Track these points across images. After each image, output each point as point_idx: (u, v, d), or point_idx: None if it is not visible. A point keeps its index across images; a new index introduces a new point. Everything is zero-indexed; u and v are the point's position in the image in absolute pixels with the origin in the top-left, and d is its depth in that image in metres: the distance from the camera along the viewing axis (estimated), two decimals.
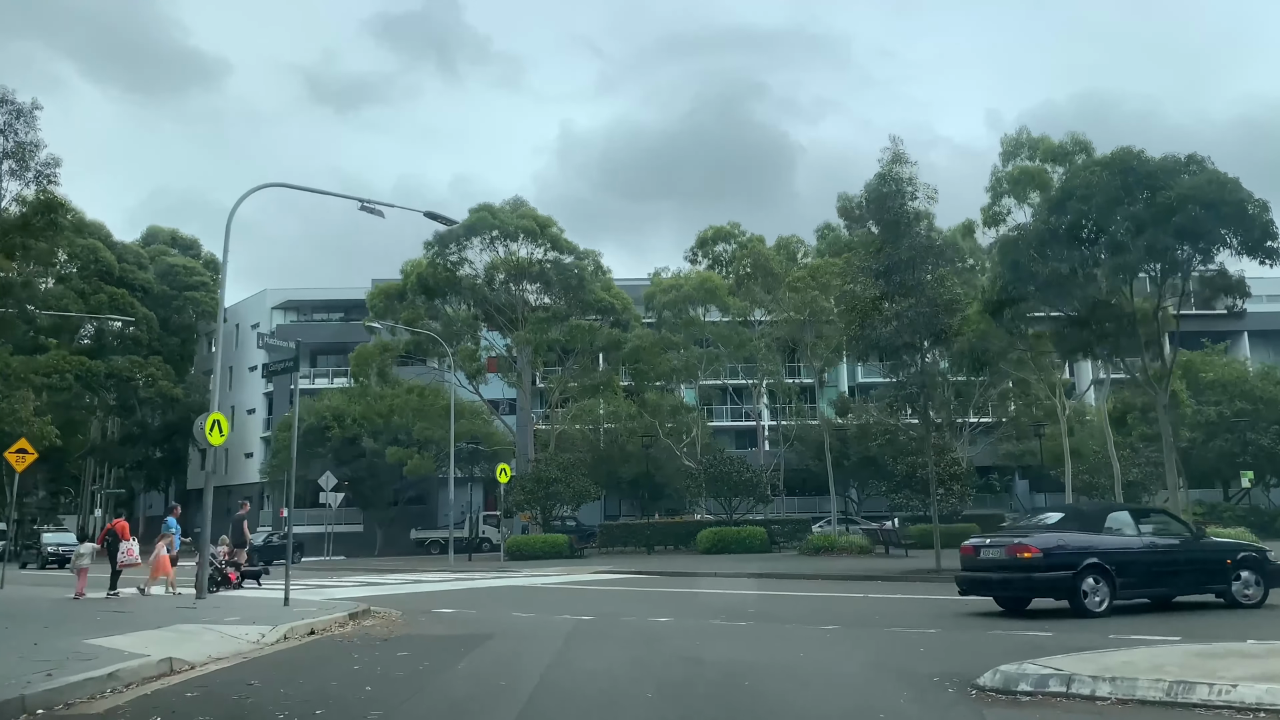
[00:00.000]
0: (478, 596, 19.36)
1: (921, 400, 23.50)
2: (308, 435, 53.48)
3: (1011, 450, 55.97)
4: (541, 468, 38.38)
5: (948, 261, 24.02)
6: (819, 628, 12.14)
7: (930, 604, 15.92)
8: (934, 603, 16.11)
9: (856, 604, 16.24)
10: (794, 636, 11.30)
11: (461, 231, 43.01)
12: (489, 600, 18.43)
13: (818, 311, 33.89)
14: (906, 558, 30.19)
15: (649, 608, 15.93)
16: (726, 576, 25.07)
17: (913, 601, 16.40)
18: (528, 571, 28.99)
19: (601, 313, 44.39)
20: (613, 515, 60.05)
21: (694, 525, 40.96)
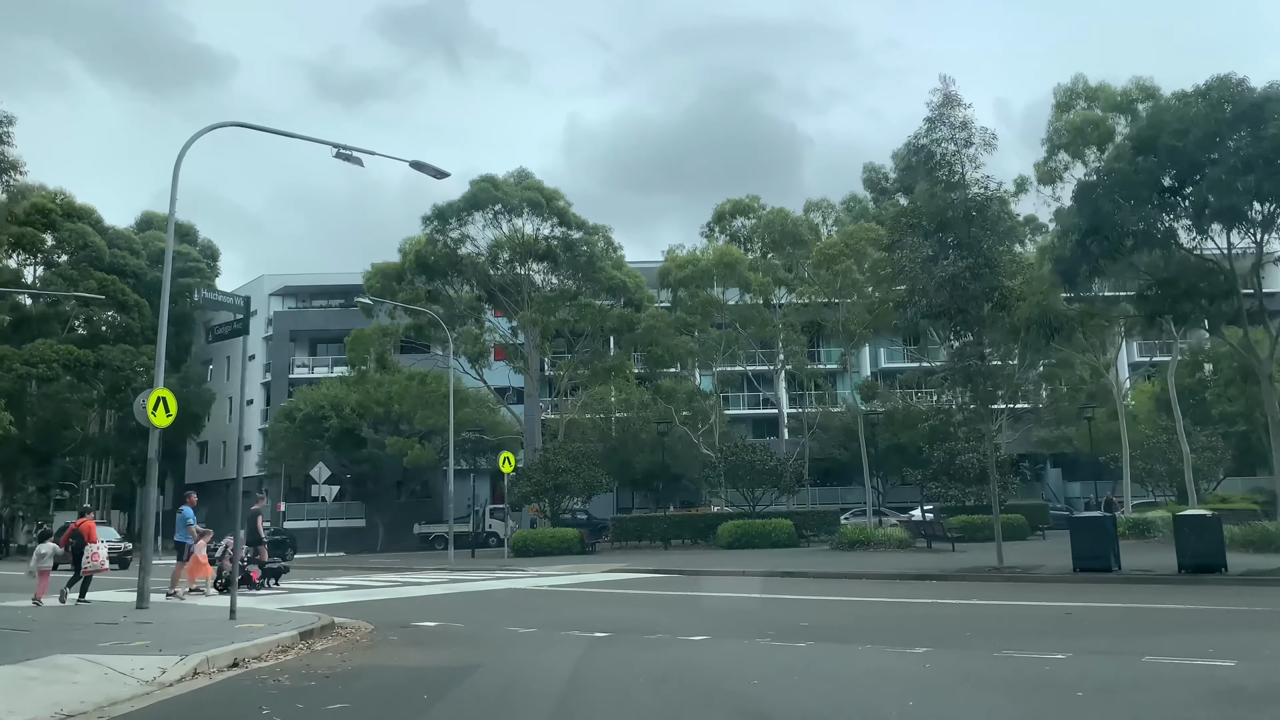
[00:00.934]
0: (472, 603, 16.55)
1: (980, 378, 20.52)
2: (304, 426, 50.92)
3: (1045, 437, 52.87)
4: (550, 457, 35.57)
5: (1009, 217, 20.97)
6: (906, 651, 9.27)
7: (1020, 612, 13.02)
8: (1023, 610, 13.21)
9: (930, 613, 13.35)
10: (883, 668, 8.43)
11: (462, 206, 40.21)
12: (485, 608, 15.62)
13: (849, 284, 30.91)
14: (954, 552, 27.26)
15: (676, 620, 13.09)
16: (757, 576, 22.19)
17: (996, 609, 13.50)
18: (534, 570, 26.19)
19: (612, 292, 41.47)
20: (625, 508, 57.25)
21: (713, 518, 38.10)
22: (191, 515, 19.26)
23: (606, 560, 29.79)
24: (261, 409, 62.14)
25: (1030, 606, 13.67)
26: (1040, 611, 13.15)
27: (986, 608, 13.72)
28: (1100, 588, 16.91)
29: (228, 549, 18.85)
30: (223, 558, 19.10)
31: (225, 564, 18.93)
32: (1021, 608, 13.59)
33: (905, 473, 38.84)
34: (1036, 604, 13.97)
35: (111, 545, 32.05)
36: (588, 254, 40.78)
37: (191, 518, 19.15)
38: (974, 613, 13.23)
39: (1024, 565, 21.17)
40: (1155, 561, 20.54)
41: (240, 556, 18.74)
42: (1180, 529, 18.14)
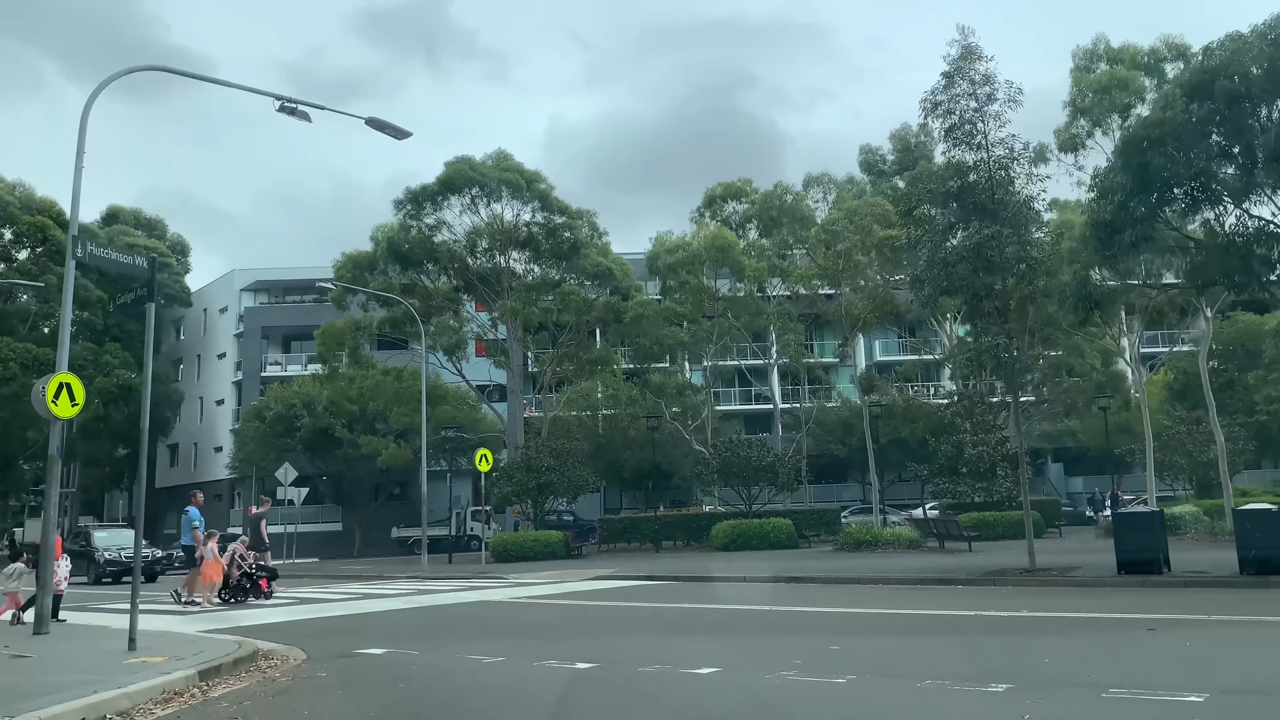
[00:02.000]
0: (437, 620, 14.25)
1: (1010, 360, 18.35)
2: (275, 426, 48.43)
3: (1048, 431, 50.85)
4: (532, 455, 33.25)
5: (1039, 178, 18.83)
6: (985, 690, 7.06)
7: (1088, 627, 10.82)
8: (1090, 625, 11.01)
9: (982, 629, 11.13)
10: None
11: (437, 189, 37.79)
12: (450, 627, 13.33)
13: (851, 267, 28.70)
14: (971, 553, 25.10)
15: (675, 643, 10.84)
16: (760, 582, 19.99)
17: (1058, 624, 11.30)
18: (514, 577, 23.89)
19: (598, 280, 39.13)
20: (614, 508, 54.98)
21: (707, 518, 35.90)
22: (198, 516, 18.17)
23: (593, 565, 27.54)
24: (233, 409, 59.51)
25: (1096, 621, 11.47)
26: (1112, 627, 10.96)
27: (1045, 622, 11.51)
28: (1162, 594, 14.76)
29: (234, 556, 17.99)
30: (230, 565, 17.96)
31: (233, 572, 17.92)
32: (1086, 622, 11.38)
33: (910, 468, 36.70)
34: (1101, 616, 11.78)
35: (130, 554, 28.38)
36: (571, 240, 38.43)
37: (198, 519, 18.06)
38: (1033, 628, 11.03)
39: (1058, 566, 19.04)
40: (1205, 560, 18.46)
41: (250, 563, 18.08)
42: (1242, 525, 16.05)
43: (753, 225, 40.82)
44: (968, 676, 7.69)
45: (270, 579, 18.95)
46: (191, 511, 18.39)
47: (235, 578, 18.01)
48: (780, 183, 29.32)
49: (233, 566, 17.96)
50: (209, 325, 63.55)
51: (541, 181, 37.97)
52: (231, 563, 17.99)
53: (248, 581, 18.11)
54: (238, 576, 18.02)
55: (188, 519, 18.27)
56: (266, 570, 19.00)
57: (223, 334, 61.79)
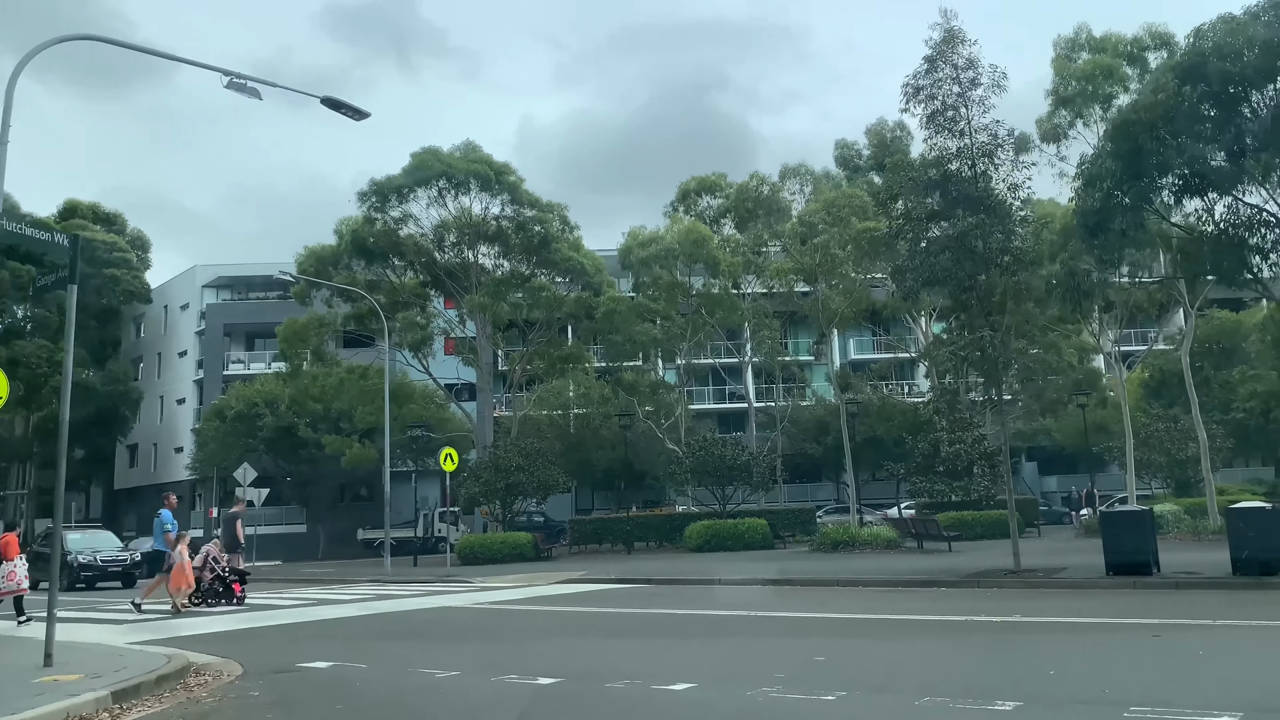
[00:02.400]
0: (392, 629, 13.34)
1: (994, 354, 17.69)
2: (236, 425, 47.11)
3: (1022, 429, 50.53)
4: (500, 455, 32.30)
5: (1024, 165, 18.20)
6: (986, 709, 6.32)
7: (1088, 633, 10.12)
8: (1090, 631, 10.32)
9: (976, 637, 10.39)
10: None
11: (403, 180, 36.73)
12: (405, 636, 12.43)
13: (828, 261, 28.00)
14: (951, 553, 24.48)
15: (647, 655, 10.02)
16: (736, 585, 19.23)
17: (1055, 630, 10.59)
18: (480, 580, 22.98)
19: (569, 275, 38.23)
20: (585, 509, 54.10)
21: (680, 519, 35.12)
22: (170, 519, 17.48)
23: (563, 567, 26.66)
24: (194, 408, 58.01)
25: (1094, 626, 10.79)
26: (1113, 632, 10.27)
27: (1041, 628, 10.80)
28: (1156, 596, 14.14)
29: (207, 559, 17.33)
30: (203, 569, 17.24)
31: (205, 575, 17.24)
32: (1085, 627, 10.69)
33: (886, 466, 36.20)
34: (1098, 621, 11.10)
35: (109, 558, 26.66)
36: (541, 234, 37.49)
37: (170, 522, 17.38)
38: (1030, 634, 10.31)
39: (1043, 567, 18.41)
40: (1194, 560, 17.89)
41: (223, 565, 17.46)
42: (1235, 524, 15.45)
43: (728, 220, 40.10)
44: (970, 692, 6.93)
45: (243, 582, 18.24)
46: (164, 514, 17.64)
47: (208, 581, 17.35)
48: (756, 173, 28.63)
49: (205, 569, 17.29)
50: (170, 322, 61.98)
51: (511, 174, 37.02)
52: (204, 565, 17.31)
53: (220, 585, 17.46)
54: (210, 580, 17.36)
55: (159, 521, 17.52)
56: (240, 573, 18.27)
57: (184, 331, 60.28)
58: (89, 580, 26.25)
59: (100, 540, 28.33)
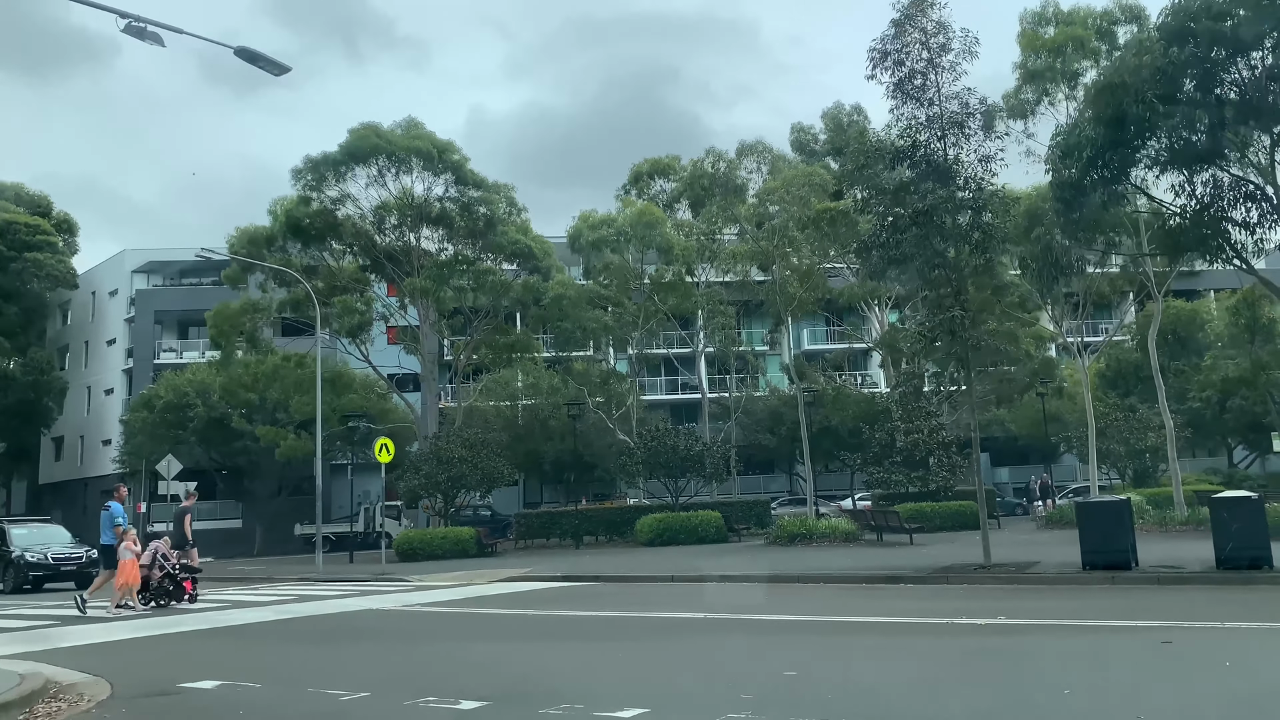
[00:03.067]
0: (305, 636, 11.86)
1: (965, 335, 16.64)
2: (166, 416, 44.81)
3: (978, 419, 50.07)
4: (442, 446, 30.73)
5: (997, 135, 17.16)
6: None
7: (1085, 636, 8.99)
8: (1087, 634, 9.20)
9: (960, 641, 9.21)
10: None
11: (340, 158, 34.89)
12: (317, 646, 10.96)
13: (785, 242, 26.84)
14: (913, 546, 23.50)
15: (592, 666, 8.69)
16: (690, 582, 18.00)
17: (1047, 635, 9.46)
18: (416, 578, 21.48)
19: (516, 258, 36.66)
20: (534, 502, 52.64)
21: (631, 512, 33.82)
22: (120, 512, 16.40)
23: (506, 564, 25.24)
24: (123, 399, 55.31)
25: (1092, 630, 9.69)
26: (1117, 637, 9.17)
27: (1032, 632, 9.66)
28: (1142, 594, 13.17)
29: (156, 556, 16.37)
30: (152, 566, 16.32)
31: (154, 573, 16.33)
32: (1080, 631, 9.59)
33: (843, 457, 35.24)
34: (1093, 624, 10.01)
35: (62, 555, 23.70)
36: (487, 216, 35.89)
37: (121, 515, 16.32)
38: (1023, 640, 9.15)
39: (1013, 562, 17.44)
40: (1170, 553, 17.04)
41: (173, 563, 16.57)
42: (1219, 516, 14.57)
43: (682, 204, 38.87)
44: (969, 714, 5.70)
45: (196, 580, 17.35)
46: (114, 506, 16.49)
47: (156, 579, 16.35)
48: (713, 148, 27.32)
49: (154, 567, 16.30)
50: (98, 310, 59.13)
51: (455, 152, 35.34)
52: (153, 563, 16.31)
53: (170, 583, 16.50)
54: (159, 578, 16.36)
55: (109, 515, 16.31)
56: (191, 570, 17.25)
57: (113, 319, 57.51)
58: (37, 581, 23.40)
59: (50, 535, 25.54)
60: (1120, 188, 15.01)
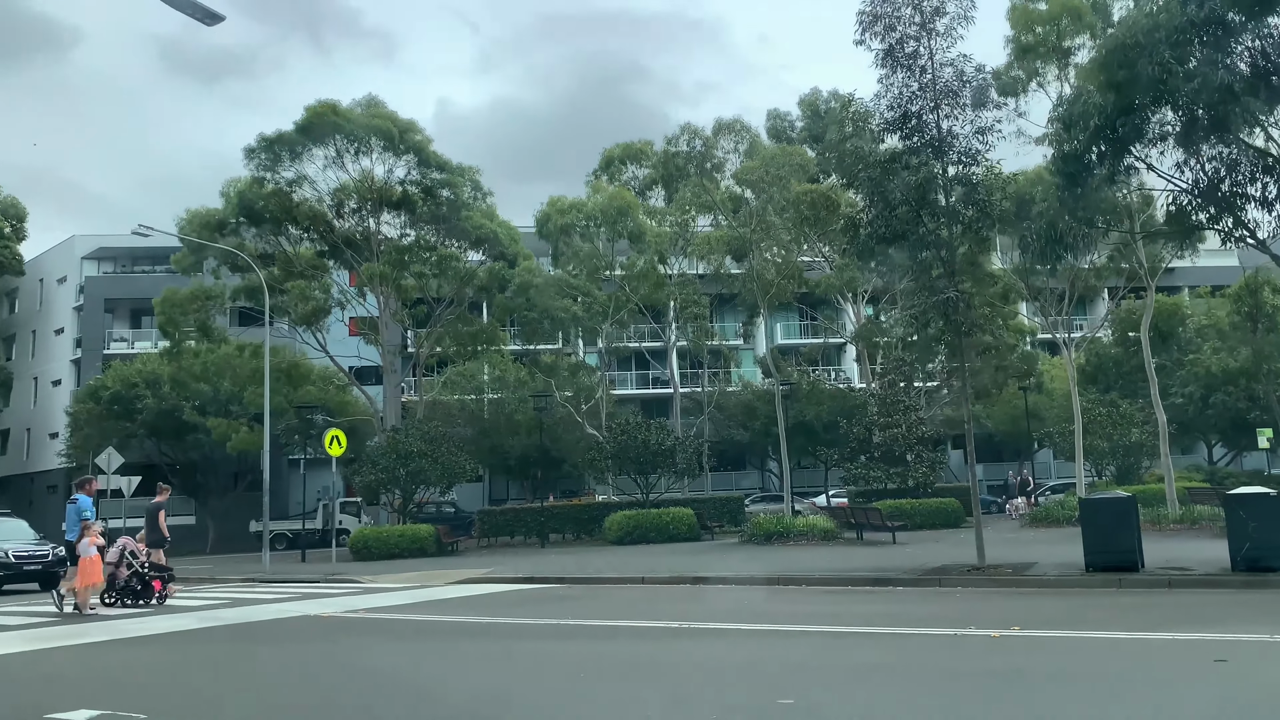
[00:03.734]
0: (224, 648, 10.38)
1: (959, 319, 15.45)
2: (113, 407, 42.87)
3: (952, 416, 49.19)
4: (400, 439, 29.19)
5: (995, 104, 15.99)
6: None
7: (1120, 652, 7.75)
8: (1120, 649, 7.96)
9: (976, 659, 7.93)
10: None
11: (296, 137, 33.20)
12: (235, 662, 9.50)
13: (763, 227, 25.57)
14: (896, 545, 22.34)
15: (548, 689, 7.31)
16: (662, 584, 16.70)
17: (1075, 650, 8.21)
18: (368, 579, 20.00)
19: (481, 245, 35.12)
20: (500, 499, 51.12)
21: (599, 509, 32.50)
22: (89, 506, 15.45)
23: (467, 564, 23.81)
24: (71, 390, 53.08)
25: (1129, 645, 8.46)
26: (1162, 655, 7.95)
27: (1057, 647, 8.41)
28: (1159, 599, 12.05)
29: (124, 553, 15.44)
30: (119, 564, 15.38)
31: (120, 572, 15.40)
32: (1114, 646, 8.36)
33: (820, 452, 34.10)
34: (1123, 637, 8.79)
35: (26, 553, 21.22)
36: (451, 200, 34.35)
37: (89, 509, 15.33)
38: (1050, 658, 7.88)
39: (1008, 562, 16.28)
40: (1175, 554, 15.98)
41: (141, 561, 15.63)
42: (1234, 514, 13.47)
43: (655, 192, 37.54)
44: None
45: (165, 580, 16.01)
46: (82, 500, 15.50)
47: (123, 578, 15.39)
48: (689, 124, 25.98)
49: (121, 565, 15.35)
50: (45, 297, 56.79)
51: (417, 132, 33.77)
52: (120, 560, 15.36)
53: (138, 582, 15.45)
54: (126, 576, 15.39)
55: (76, 509, 15.30)
56: (161, 570, 16.08)
57: (61, 307, 55.24)
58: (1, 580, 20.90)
59: (10, 530, 22.83)
60: (1128, 160, 13.78)
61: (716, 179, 26.47)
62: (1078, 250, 15.49)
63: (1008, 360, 36.53)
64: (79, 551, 14.33)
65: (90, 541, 14.27)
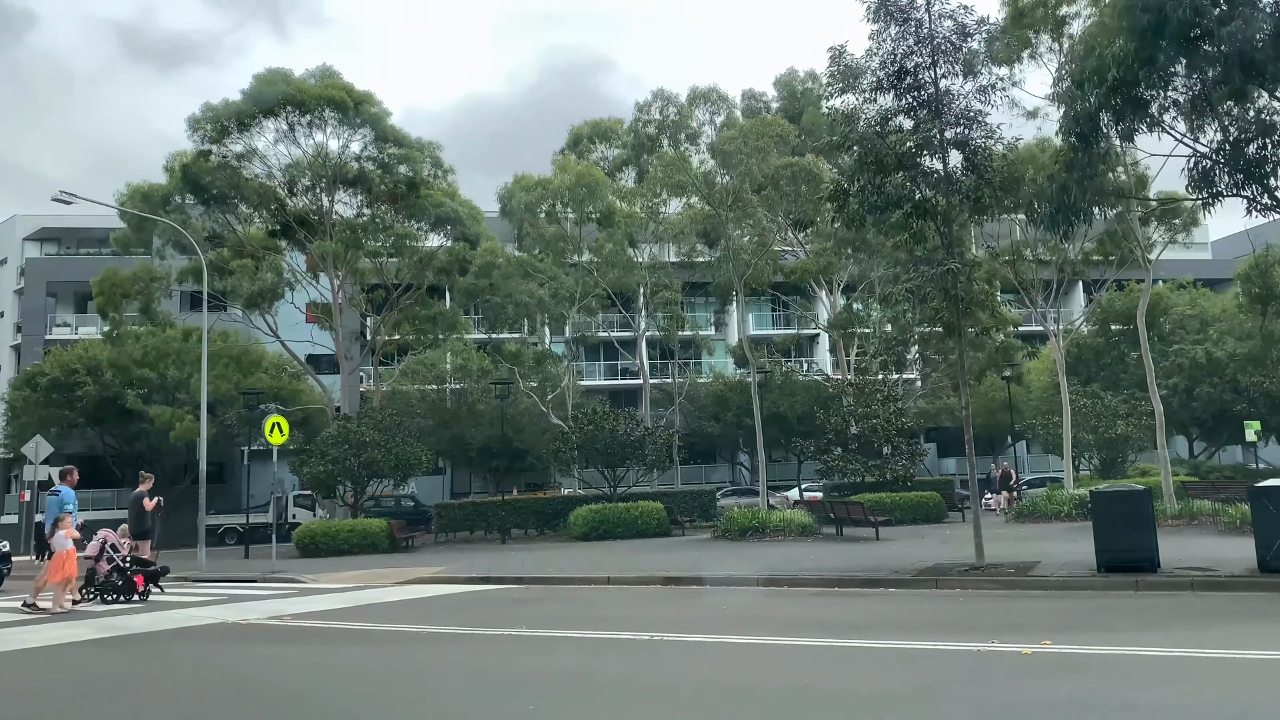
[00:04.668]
0: (100, 669, 8.71)
1: (957, 292, 14.06)
2: (51, 394, 40.58)
3: (926, 408, 48.10)
4: (351, 428, 27.41)
5: (999, 62, 14.68)
6: None
7: (1196, 682, 6.32)
8: (1188, 676, 6.53)
9: (1052, 688, 6.46)
10: None
11: (244, 106, 31.26)
12: (119, 689, 7.84)
13: (740, 205, 24.06)
14: (880, 541, 20.96)
15: None
16: (629, 584, 15.20)
17: (1128, 672, 6.80)
18: (309, 579, 18.30)
19: (443, 224, 33.33)
20: (462, 492, 49.36)
21: (564, 502, 30.92)
22: (72, 498, 14.76)
23: (421, 561, 22.17)
24: (11, 376, 50.59)
25: (1190, 664, 7.05)
26: (1240, 678, 6.54)
27: (1112, 670, 6.97)
28: (1187, 603, 10.73)
29: (104, 546, 14.88)
30: (99, 558, 14.83)
31: (100, 566, 14.83)
32: (1177, 668, 6.94)
33: (795, 444, 32.74)
34: (1184, 655, 7.38)
35: None
36: (409, 177, 32.56)
37: (72, 501, 14.67)
38: (1100, 682, 6.44)
39: (1008, 561, 14.92)
40: (1189, 553, 14.71)
41: (123, 555, 15.01)
42: (1262, 508, 12.18)
43: (625, 174, 35.92)
44: None
45: (151, 577, 15.42)
46: (65, 492, 14.88)
47: (103, 573, 14.80)
48: (662, 89, 24.30)
49: (100, 559, 14.81)
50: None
51: (374, 104, 31.93)
52: (100, 554, 14.83)
53: (119, 578, 14.80)
54: (106, 571, 14.79)
55: (58, 500, 14.73)
56: (144, 564, 15.50)
57: (1, 290, 52.65)
58: None
59: None
60: (1149, 115, 12.43)
61: (690, 153, 24.88)
62: (1090, 217, 14.10)
63: (985, 349, 35.39)
64: (52, 545, 13.73)
65: (66, 534, 13.62)
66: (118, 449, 44.70)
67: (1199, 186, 12.92)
